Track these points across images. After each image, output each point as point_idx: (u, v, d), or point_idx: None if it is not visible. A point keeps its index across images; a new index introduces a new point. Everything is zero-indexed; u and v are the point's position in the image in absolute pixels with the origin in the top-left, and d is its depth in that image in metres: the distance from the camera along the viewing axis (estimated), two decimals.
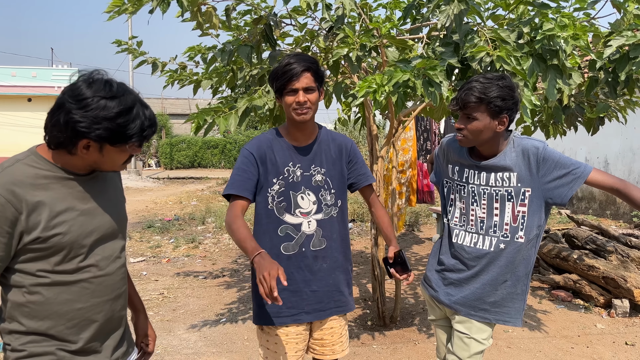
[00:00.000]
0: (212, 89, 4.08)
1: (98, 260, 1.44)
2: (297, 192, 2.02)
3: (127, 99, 1.34)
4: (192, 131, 3.01)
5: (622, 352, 3.78)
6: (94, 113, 1.29)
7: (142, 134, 1.37)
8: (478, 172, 2.08)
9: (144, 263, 6.45)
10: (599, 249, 5.26)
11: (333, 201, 2.07)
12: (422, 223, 9.36)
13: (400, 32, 3.26)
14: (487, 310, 2.10)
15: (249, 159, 1.99)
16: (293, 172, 2.02)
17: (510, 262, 2.06)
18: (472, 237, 2.10)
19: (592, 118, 3.58)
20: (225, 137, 23.68)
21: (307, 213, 2.03)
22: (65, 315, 1.40)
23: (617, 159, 9.51)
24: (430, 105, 3.85)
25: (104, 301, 1.47)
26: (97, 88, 1.31)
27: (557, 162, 1.97)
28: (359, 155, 2.16)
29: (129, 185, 16.17)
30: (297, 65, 1.88)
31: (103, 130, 1.30)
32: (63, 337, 1.40)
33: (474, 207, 2.10)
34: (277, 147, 2.02)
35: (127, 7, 2.58)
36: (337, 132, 2.17)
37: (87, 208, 1.43)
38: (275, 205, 2.00)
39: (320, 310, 2.07)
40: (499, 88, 1.91)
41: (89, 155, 1.37)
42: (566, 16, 2.53)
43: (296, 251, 2.01)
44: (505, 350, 3.79)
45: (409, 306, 4.77)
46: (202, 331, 4.16)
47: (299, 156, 2.04)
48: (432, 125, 7.15)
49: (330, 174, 2.07)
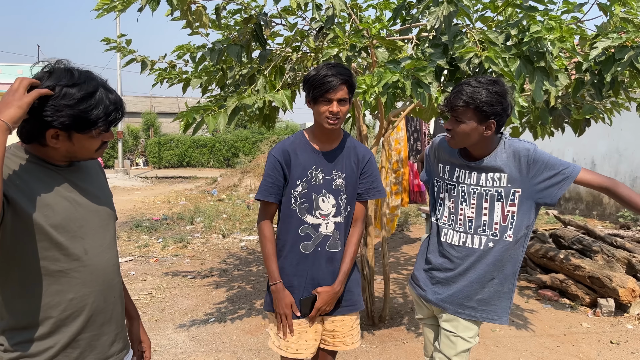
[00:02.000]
0: (202, 87, 4.07)
1: (87, 248, 1.44)
2: (319, 194, 2.14)
3: (89, 85, 1.35)
4: (180, 129, 3.00)
5: (607, 351, 3.83)
6: (55, 102, 1.30)
7: (107, 118, 1.38)
8: (469, 172, 2.10)
9: (132, 263, 6.41)
10: (585, 249, 5.33)
11: (345, 205, 2.19)
12: (412, 223, 9.40)
13: (390, 33, 3.28)
14: (474, 308, 2.12)
15: (275, 164, 2.12)
16: (315, 175, 2.14)
17: (497, 260, 2.08)
18: (461, 236, 2.12)
19: (579, 119, 3.62)
20: (214, 137, 23.56)
21: (327, 215, 2.15)
22: (58, 306, 1.39)
23: (604, 160, 9.63)
24: (419, 106, 3.87)
25: (95, 291, 1.46)
26: (57, 76, 1.32)
27: (547, 163, 2.00)
28: (374, 169, 2.25)
29: (117, 184, 16.04)
30: (335, 78, 1.98)
31: (66, 118, 1.31)
32: (56, 329, 1.39)
33: (462, 206, 2.12)
34: (301, 150, 2.14)
35: (116, 4, 2.56)
36: (360, 142, 2.27)
37: (71, 196, 1.43)
38: (298, 206, 2.14)
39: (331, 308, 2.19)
40: (488, 93, 1.92)
41: (59, 144, 1.37)
42: (553, 19, 2.56)
43: (313, 249, 2.15)
44: (492, 348, 3.83)
45: (398, 306, 4.80)
46: (190, 331, 4.15)
47: (322, 160, 2.15)
48: (422, 126, 7.19)
49: (348, 180, 2.18)
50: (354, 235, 2.23)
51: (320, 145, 2.16)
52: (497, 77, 2.04)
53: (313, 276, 2.15)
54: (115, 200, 1.68)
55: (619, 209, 9.21)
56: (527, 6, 2.70)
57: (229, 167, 21.63)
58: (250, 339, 3.99)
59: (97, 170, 1.62)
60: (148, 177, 19.29)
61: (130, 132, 25.51)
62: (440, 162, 2.23)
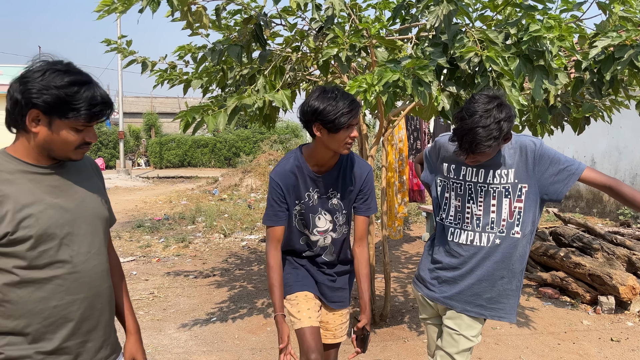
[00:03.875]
0: (202, 88, 4.08)
1: (72, 255, 1.42)
2: (315, 214, 2.26)
3: (82, 76, 1.37)
4: (180, 128, 3.01)
5: (607, 348, 3.84)
6: (45, 81, 1.31)
7: (92, 109, 1.36)
8: (476, 170, 2.09)
9: (134, 262, 6.42)
10: (585, 247, 5.34)
11: (344, 221, 2.32)
12: (412, 222, 9.41)
13: (390, 33, 3.29)
14: (483, 306, 2.13)
15: (278, 190, 2.20)
16: (312, 196, 2.24)
17: (506, 257, 2.08)
18: (468, 235, 2.12)
19: (578, 118, 3.63)
20: (215, 136, 23.55)
21: (324, 231, 2.30)
22: (41, 314, 1.37)
23: (604, 158, 9.63)
24: (419, 105, 3.88)
25: (80, 299, 1.44)
26: (53, 64, 1.35)
27: (553, 158, 2.01)
28: (371, 186, 2.31)
29: (119, 184, 16.06)
30: (355, 109, 2.03)
31: (50, 96, 1.31)
32: (39, 337, 1.38)
33: (470, 204, 2.11)
34: (300, 175, 2.21)
35: (117, 6, 2.57)
36: (358, 157, 2.30)
37: (57, 202, 1.41)
38: (297, 223, 2.29)
39: (323, 298, 2.39)
40: (505, 119, 1.87)
41: (39, 129, 1.35)
42: (552, 18, 2.57)
43: (312, 254, 2.36)
44: (493, 346, 3.84)
45: (399, 304, 4.81)
46: (192, 330, 4.17)
47: (319, 182, 2.23)
48: (422, 125, 7.20)
49: (344, 197, 2.27)
50: (362, 255, 2.31)
51: (319, 168, 2.22)
52: (493, 94, 1.94)
53: (314, 272, 2.38)
54: (117, 200, 1.69)
55: (619, 207, 9.21)
56: (526, 5, 2.71)
57: (230, 166, 21.63)
58: (252, 338, 4.00)
59: (91, 173, 1.59)
60: (149, 177, 19.30)
61: (131, 132, 25.51)
62: (445, 161, 2.21)
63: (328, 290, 2.39)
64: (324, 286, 2.38)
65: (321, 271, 2.38)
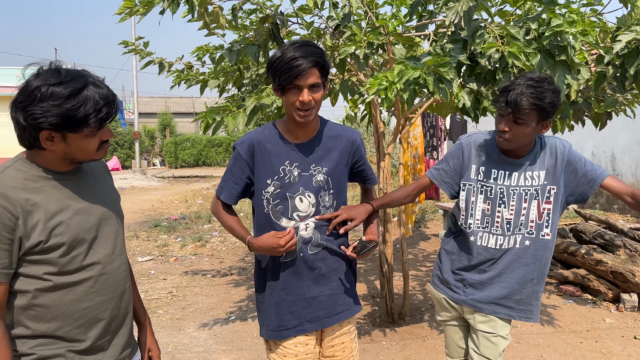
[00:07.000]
0: (219, 88, 4.10)
1: (100, 257, 1.45)
2: (295, 193, 1.85)
3: (76, 82, 1.31)
4: (201, 129, 3.03)
5: (631, 347, 3.78)
6: (43, 103, 1.28)
7: (98, 115, 1.34)
8: (509, 173, 2.06)
9: (152, 262, 6.48)
10: (606, 244, 5.25)
11: (330, 202, 1.91)
12: (429, 219, 9.35)
13: (407, 29, 3.26)
14: (512, 308, 2.12)
15: (238, 161, 1.86)
16: (290, 171, 1.84)
17: (537, 259, 2.07)
18: (498, 239, 2.08)
19: (600, 113, 3.57)
20: (229, 135, 23.68)
21: (305, 216, 1.87)
22: (72, 316, 1.41)
23: (624, 152, 9.47)
24: (437, 102, 3.85)
25: (109, 299, 1.48)
26: (44, 77, 1.30)
27: (579, 162, 2.02)
28: (364, 154, 2.02)
29: (134, 184, 16.22)
30: (303, 60, 1.66)
31: (54, 117, 1.29)
32: (71, 337, 1.41)
33: (500, 208, 2.07)
34: (271, 144, 1.84)
35: (139, 8, 2.59)
36: (342, 125, 1.97)
37: (82, 207, 1.43)
38: (271, 209, 1.85)
39: (326, 317, 1.92)
40: (552, 94, 1.88)
41: (55, 146, 1.35)
42: (574, 12, 2.53)
43: (294, 257, 1.87)
44: (514, 345, 3.80)
45: (418, 302, 4.79)
46: (212, 329, 4.19)
47: (297, 154, 1.85)
48: (438, 122, 7.15)
49: (331, 173, 1.89)
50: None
51: (295, 138, 1.85)
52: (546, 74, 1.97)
53: (303, 286, 1.89)
54: (133, 200, 1.70)
55: None
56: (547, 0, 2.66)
57: None
58: None
59: (104, 173, 1.61)
60: (165, 177, 19.47)
61: (146, 132, 25.77)
62: (473, 163, 2.13)
63: (327, 300, 1.92)
64: (319, 301, 1.91)
65: (309, 280, 1.89)
